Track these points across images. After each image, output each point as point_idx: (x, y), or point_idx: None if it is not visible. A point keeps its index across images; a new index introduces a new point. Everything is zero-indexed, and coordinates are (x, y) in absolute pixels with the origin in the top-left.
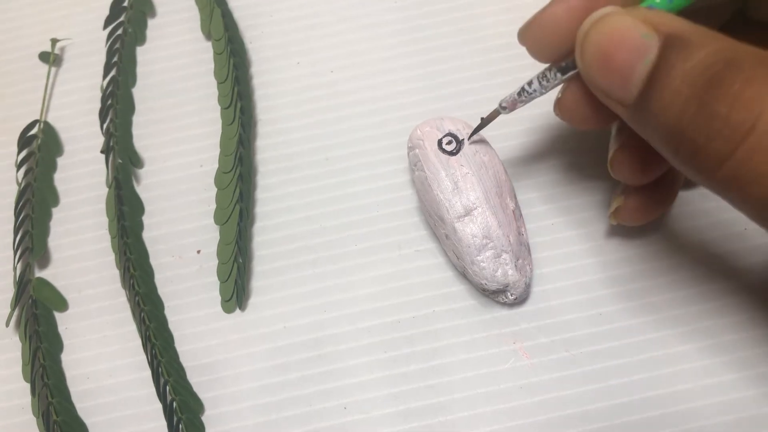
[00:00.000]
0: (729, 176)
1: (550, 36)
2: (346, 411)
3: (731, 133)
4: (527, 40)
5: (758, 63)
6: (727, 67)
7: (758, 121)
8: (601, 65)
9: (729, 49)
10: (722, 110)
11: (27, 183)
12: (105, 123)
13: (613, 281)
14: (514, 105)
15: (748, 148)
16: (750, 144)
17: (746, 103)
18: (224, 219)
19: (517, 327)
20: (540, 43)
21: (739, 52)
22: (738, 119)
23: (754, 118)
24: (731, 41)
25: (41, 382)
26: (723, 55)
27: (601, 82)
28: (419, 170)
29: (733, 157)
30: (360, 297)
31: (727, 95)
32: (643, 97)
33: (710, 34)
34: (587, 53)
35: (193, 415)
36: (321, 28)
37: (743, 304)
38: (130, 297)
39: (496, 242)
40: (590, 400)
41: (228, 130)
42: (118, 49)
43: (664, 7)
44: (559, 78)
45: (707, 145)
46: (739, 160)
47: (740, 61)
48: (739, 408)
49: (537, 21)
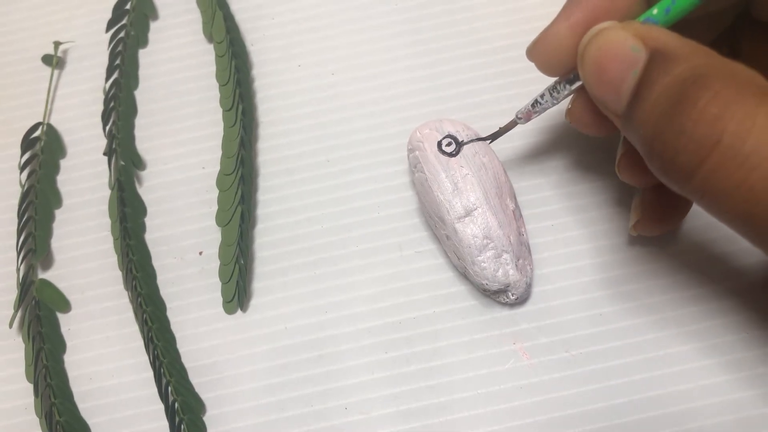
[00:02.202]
0: (698, 189)
1: (556, 52)
2: (346, 411)
3: (696, 149)
4: (535, 56)
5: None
6: (696, 84)
7: (722, 137)
8: (597, 77)
9: (704, 65)
10: (688, 126)
11: (30, 185)
12: (107, 125)
13: (613, 282)
14: (529, 116)
15: (713, 163)
16: (714, 159)
17: (710, 120)
18: (226, 221)
19: (517, 327)
20: (546, 59)
21: (712, 69)
22: (702, 135)
23: (717, 135)
24: (712, 57)
25: (44, 382)
26: (696, 71)
27: (597, 93)
28: (419, 172)
29: (699, 172)
30: (361, 298)
31: (693, 111)
32: (630, 107)
33: (694, 49)
34: (585, 66)
35: (194, 415)
36: (322, 30)
37: (742, 305)
38: (133, 298)
39: (496, 242)
40: (590, 401)
41: (230, 132)
42: (121, 52)
43: (660, 19)
44: (568, 89)
45: (676, 159)
46: (705, 175)
47: (710, 78)
48: (739, 408)
49: (542, 39)
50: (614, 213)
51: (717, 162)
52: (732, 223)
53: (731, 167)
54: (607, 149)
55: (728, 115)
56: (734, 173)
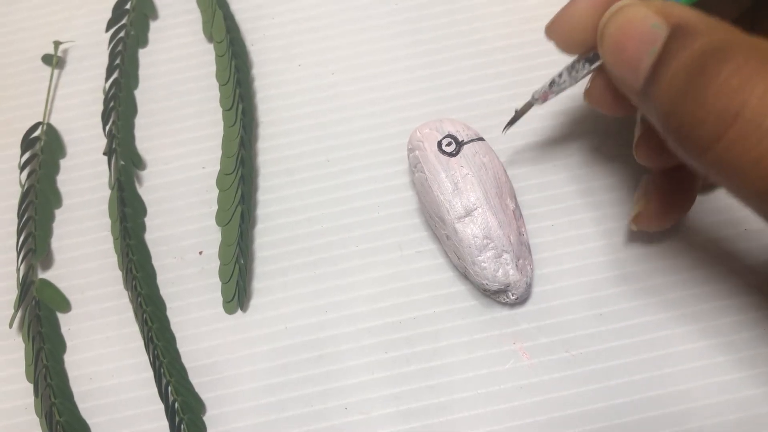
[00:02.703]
0: (715, 162)
1: (575, 29)
2: (346, 411)
3: (716, 122)
4: (554, 34)
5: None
6: (717, 56)
7: (742, 110)
8: (616, 55)
9: (724, 39)
10: (709, 99)
11: (30, 185)
12: (107, 125)
13: (613, 282)
14: (546, 96)
15: (732, 137)
16: (733, 134)
17: (731, 92)
18: (226, 220)
19: (517, 327)
20: (566, 38)
21: (734, 42)
22: (722, 108)
23: (738, 108)
24: (733, 32)
25: (44, 382)
26: (717, 44)
27: (616, 71)
28: (419, 172)
29: (717, 145)
30: (361, 298)
31: (714, 84)
32: (647, 84)
33: (715, 24)
34: (605, 44)
35: (194, 415)
36: (322, 30)
37: (743, 304)
38: (133, 298)
39: (496, 242)
40: (590, 401)
41: (230, 132)
42: (121, 52)
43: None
44: (587, 68)
45: (694, 132)
46: (723, 149)
47: (732, 50)
48: (740, 408)
49: (562, 16)
50: (614, 213)
51: (736, 136)
52: (748, 200)
53: (750, 142)
54: (607, 150)
55: (749, 89)
56: (753, 148)
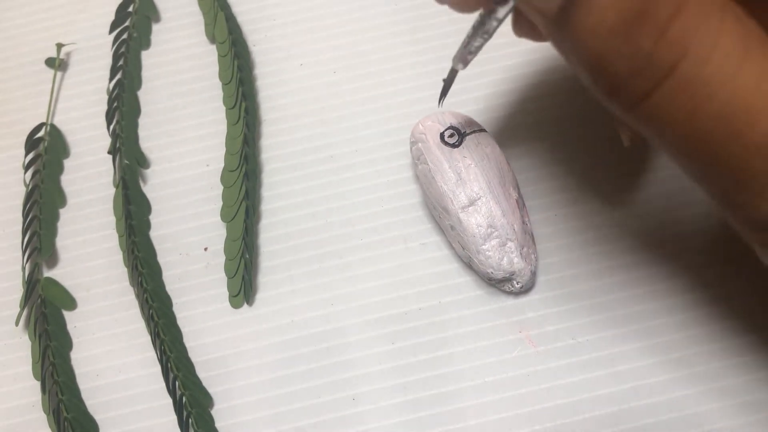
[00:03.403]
0: (647, 115)
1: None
2: (354, 402)
3: (653, 72)
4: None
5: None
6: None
7: (683, 59)
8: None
9: None
10: (646, 44)
11: (34, 185)
12: (111, 125)
13: (617, 269)
14: (465, 59)
15: (667, 89)
16: (669, 86)
17: (672, 38)
18: (231, 216)
19: (523, 316)
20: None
21: None
22: (661, 56)
23: (678, 56)
24: None
25: (51, 379)
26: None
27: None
28: (422, 163)
29: (652, 97)
30: (366, 290)
31: (654, 28)
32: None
33: None
34: None
35: (202, 409)
36: (323, 30)
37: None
38: (139, 294)
39: (500, 231)
40: (597, 387)
41: (233, 130)
42: (124, 53)
43: None
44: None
45: (628, 81)
46: (656, 102)
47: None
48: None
49: None
50: (617, 202)
51: (671, 88)
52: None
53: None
54: (607, 145)
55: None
56: (688, 102)
